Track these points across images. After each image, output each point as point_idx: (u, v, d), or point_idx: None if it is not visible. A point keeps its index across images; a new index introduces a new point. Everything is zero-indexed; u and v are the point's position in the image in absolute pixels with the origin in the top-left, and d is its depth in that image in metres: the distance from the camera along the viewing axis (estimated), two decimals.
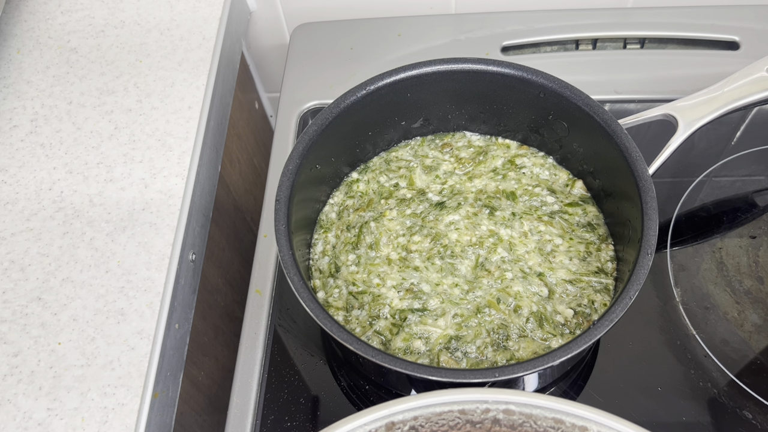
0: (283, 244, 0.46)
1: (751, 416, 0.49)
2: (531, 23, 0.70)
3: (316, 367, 0.53)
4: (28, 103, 0.61)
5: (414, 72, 0.52)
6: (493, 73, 0.52)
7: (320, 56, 0.70)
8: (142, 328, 0.50)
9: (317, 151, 0.51)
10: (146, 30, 0.66)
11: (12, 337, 0.50)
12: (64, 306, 0.51)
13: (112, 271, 0.52)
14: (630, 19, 0.69)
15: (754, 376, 0.50)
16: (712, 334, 0.52)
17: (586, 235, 0.53)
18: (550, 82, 0.51)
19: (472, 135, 0.59)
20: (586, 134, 0.52)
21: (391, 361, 0.41)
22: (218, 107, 0.64)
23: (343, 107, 0.52)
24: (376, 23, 0.72)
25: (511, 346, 0.48)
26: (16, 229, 0.55)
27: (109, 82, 0.62)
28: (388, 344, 0.49)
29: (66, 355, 0.49)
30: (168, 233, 0.54)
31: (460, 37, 0.70)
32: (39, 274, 0.52)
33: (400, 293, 0.51)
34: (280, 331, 0.55)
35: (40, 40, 0.65)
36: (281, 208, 0.47)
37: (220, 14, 0.66)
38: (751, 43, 0.67)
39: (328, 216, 0.56)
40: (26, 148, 0.59)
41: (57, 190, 0.56)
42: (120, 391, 0.48)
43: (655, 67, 0.67)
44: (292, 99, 0.67)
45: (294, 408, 0.51)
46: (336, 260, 0.53)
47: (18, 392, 0.48)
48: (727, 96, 0.52)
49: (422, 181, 0.57)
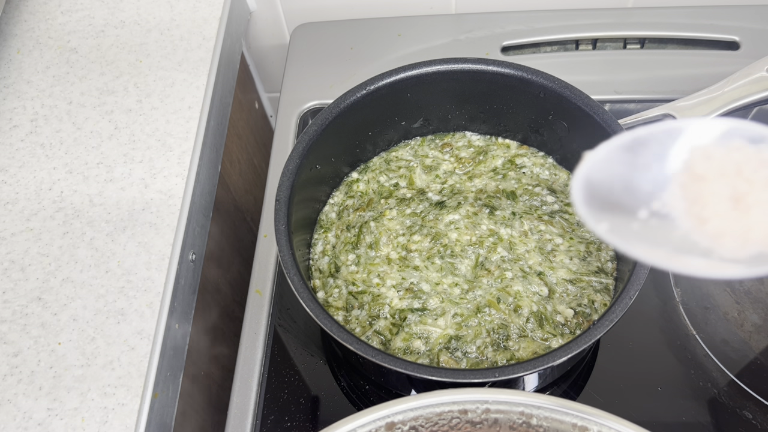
0: (283, 244, 0.46)
1: (751, 416, 0.49)
2: (531, 23, 0.70)
3: (316, 367, 0.53)
4: (28, 103, 0.61)
5: (414, 72, 0.52)
6: (493, 73, 0.52)
7: (320, 56, 0.70)
8: (142, 328, 0.50)
9: (317, 151, 0.51)
10: (146, 30, 0.66)
11: (12, 337, 0.50)
12: (64, 306, 0.51)
13: (112, 271, 0.52)
14: (630, 19, 0.69)
15: (754, 376, 0.50)
16: (712, 334, 0.52)
17: (587, 234, 0.53)
18: (550, 82, 0.51)
19: (472, 135, 0.59)
20: (586, 134, 0.52)
21: (391, 361, 0.41)
22: (218, 107, 0.64)
23: (343, 107, 0.52)
24: (376, 23, 0.72)
25: (511, 346, 0.48)
26: (16, 229, 0.54)
27: (109, 82, 0.62)
28: (388, 344, 0.49)
29: (66, 355, 0.49)
30: (168, 233, 0.54)
31: (460, 37, 0.70)
32: (39, 274, 0.52)
33: (399, 293, 0.51)
34: (280, 331, 0.55)
35: (40, 40, 0.65)
36: (281, 208, 0.47)
37: (220, 14, 0.66)
38: (751, 43, 0.67)
39: (328, 216, 0.56)
40: (26, 148, 0.59)
41: (57, 190, 0.56)
42: (120, 391, 0.48)
43: (655, 67, 0.67)
44: (292, 99, 0.67)
45: (294, 408, 0.51)
46: (336, 260, 0.53)
47: (18, 392, 0.48)
48: (728, 96, 0.52)
49: (422, 180, 0.57)
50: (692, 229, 0.31)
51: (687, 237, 0.31)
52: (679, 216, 0.31)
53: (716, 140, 0.32)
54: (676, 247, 0.31)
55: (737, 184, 0.31)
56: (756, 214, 0.30)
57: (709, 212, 0.31)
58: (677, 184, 0.32)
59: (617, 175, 0.32)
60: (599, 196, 0.32)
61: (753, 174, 0.31)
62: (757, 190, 0.30)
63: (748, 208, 0.30)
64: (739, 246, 0.30)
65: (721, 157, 0.31)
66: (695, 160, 0.32)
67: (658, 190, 0.32)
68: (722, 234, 0.30)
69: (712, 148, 0.32)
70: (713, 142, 0.32)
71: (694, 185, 0.31)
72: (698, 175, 0.31)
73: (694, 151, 0.32)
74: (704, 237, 0.31)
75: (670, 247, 0.31)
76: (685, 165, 0.32)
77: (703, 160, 0.31)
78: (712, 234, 0.31)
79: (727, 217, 0.30)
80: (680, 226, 0.31)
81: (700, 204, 0.31)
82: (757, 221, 0.30)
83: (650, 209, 0.32)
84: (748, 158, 0.31)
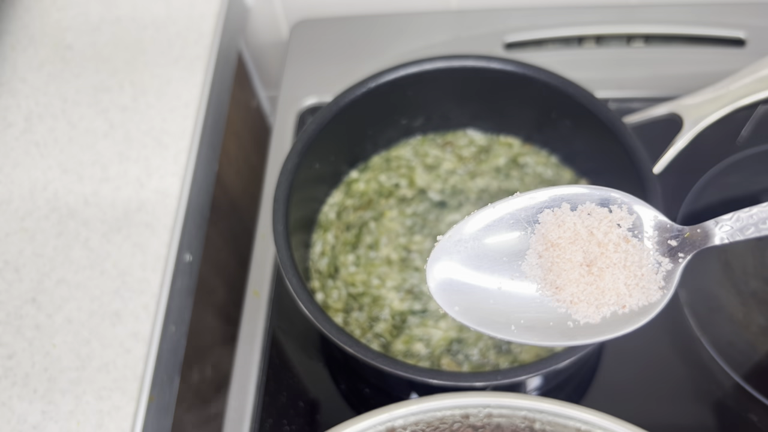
0: (281, 245, 0.45)
1: (757, 419, 0.48)
2: (534, 20, 0.69)
3: (315, 370, 0.52)
4: (22, 101, 0.60)
5: (415, 69, 0.52)
6: (495, 70, 0.52)
7: (319, 53, 0.69)
8: (137, 330, 0.49)
9: (316, 150, 0.51)
10: (142, 26, 0.65)
11: (6, 339, 0.49)
12: (59, 307, 0.50)
13: (107, 272, 0.52)
14: (634, 16, 0.68)
15: (760, 378, 0.49)
16: (718, 336, 0.51)
17: None
18: (553, 79, 0.50)
19: (474, 133, 0.59)
20: (590, 132, 0.51)
21: (392, 365, 0.41)
22: (215, 105, 0.63)
23: (343, 105, 0.51)
24: (377, 20, 0.71)
25: (513, 349, 0.47)
26: (11, 229, 0.54)
27: (105, 80, 0.61)
28: (388, 347, 0.48)
29: (61, 357, 0.48)
30: (164, 233, 0.53)
31: (462, 34, 0.69)
32: (33, 275, 0.52)
33: (400, 294, 0.50)
34: (279, 333, 0.54)
35: (34, 37, 0.65)
36: (279, 208, 0.46)
37: (217, 10, 0.66)
38: (757, 40, 0.66)
39: (327, 216, 0.56)
40: (20, 147, 0.58)
41: (52, 190, 0.56)
42: (116, 394, 0.47)
43: (660, 65, 0.66)
44: (290, 97, 0.67)
45: (292, 412, 0.50)
46: (335, 261, 0.53)
47: (12, 395, 0.47)
48: (734, 94, 0.51)
49: (423, 180, 0.56)
50: (549, 296, 0.32)
51: (543, 304, 0.32)
52: (537, 283, 0.32)
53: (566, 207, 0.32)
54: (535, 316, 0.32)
55: (589, 249, 0.32)
56: (607, 277, 0.31)
57: (563, 280, 0.32)
58: (534, 253, 0.33)
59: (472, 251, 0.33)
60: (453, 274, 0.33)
61: (604, 237, 0.32)
62: (609, 252, 0.31)
63: (601, 272, 0.31)
64: (593, 311, 0.31)
65: (573, 222, 0.32)
66: (548, 229, 0.32)
67: (515, 261, 0.33)
68: (577, 300, 0.31)
69: (563, 215, 0.32)
70: (564, 210, 0.32)
71: (547, 252, 0.32)
72: (552, 243, 0.32)
73: (546, 220, 0.33)
74: (561, 303, 0.32)
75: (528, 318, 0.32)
76: (538, 234, 0.33)
77: (555, 228, 0.32)
78: (567, 301, 0.32)
79: (579, 282, 0.31)
80: (537, 294, 0.32)
81: (554, 272, 0.32)
82: (609, 284, 0.31)
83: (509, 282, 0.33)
84: (599, 221, 0.32)
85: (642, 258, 0.32)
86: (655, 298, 0.32)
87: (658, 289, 0.32)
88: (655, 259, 0.32)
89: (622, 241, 0.32)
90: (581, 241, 0.32)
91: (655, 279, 0.32)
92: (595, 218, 0.32)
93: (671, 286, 0.32)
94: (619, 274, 0.31)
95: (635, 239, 0.32)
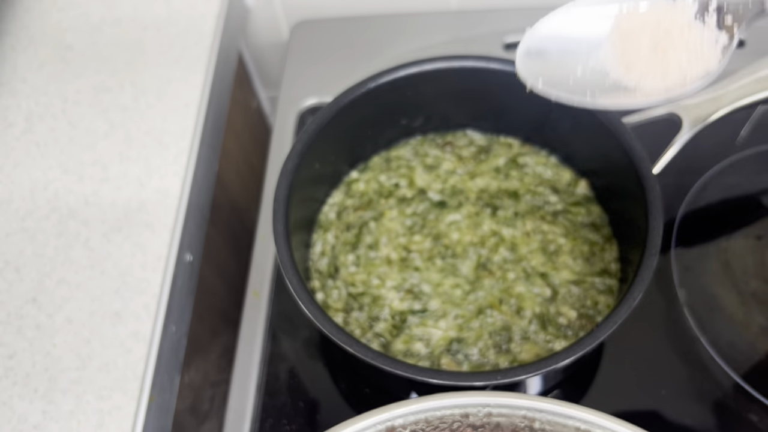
0: (282, 245, 0.45)
1: (758, 419, 0.48)
2: (534, 20, 0.69)
3: (315, 370, 0.52)
4: (23, 102, 0.61)
5: (415, 69, 0.52)
6: (495, 70, 0.52)
7: (320, 54, 0.69)
8: (138, 330, 0.49)
9: (316, 150, 0.51)
10: (142, 27, 0.65)
11: (7, 339, 0.49)
12: (60, 307, 0.50)
13: (107, 272, 0.52)
14: None
15: (760, 378, 0.49)
16: (718, 336, 0.51)
17: (590, 235, 0.52)
18: None
19: (473, 133, 0.59)
20: (590, 133, 0.51)
21: (392, 364, 0.41)
22: (215, 105, 0.63)
23: (343, 105, 0.51)
24: (377, 20, 0.71)
25: (513, 349, 0.48)
26: (11, 229, 0.54)
27: (105, 80, 0.62)
28: (388, 346, 0.48)
29: (61, 357, 0.48)
30: (164, 233, 0.53)
31: (461, 35, 0.69)
32: (34, 275, 0.52)
33: (400, 294, 0.50)
34: (279, 333, 0.54)
35: (35, 37, 0.65)
36: (279, 208, 0.46)
37: (217, 11, 0.66)
38: (756, 41, 0.66)
39: (328, 216, 0.56)
40: (21, 147, 0.58)
41: (52, 190, 0.56)
42: (116, 394, 0.47)
43: None
44: (290, 97, 0.67)
45: (293, 412, 0.50)
46: (335, 261, 0.53)
47: (13, 395, 0.47)
48: (733, 94, 0.51)
49: (423, 180, 0.56)
50: (622, 75, 0.39)
51: (617, 82, 0.39)
52: (611, 67, 0.39)
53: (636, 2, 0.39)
54: (608, 90, 0.39)
55: (657, 34, 0.38)
56: (671, 56, 0.38)
57: (634, 59, 0.38)
58: (609, 42, 0.39)
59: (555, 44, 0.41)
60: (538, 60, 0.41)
61: (671, 23, 0.38)
62: (674, 37, 0.38)
63: (665, 52, 0.38)
64: (658, 81, 0.38)
65: (645, 13, 0.39)
66: (622, 20, 0.39)
67: (593, 50, 0.40)
68: (645, 74, 0.38)
69: (638, 6, 0.39)
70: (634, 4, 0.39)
71: (621, 41, 0.39)
72: (625, 32, 0.39)
73: (622, 12, 0.39)
74: (631, 79, 0.39)
75: (603, 92, 0.39)
76: (614, 26, 0.39)
77: (629, 19, 0.39)
78: (637, 75, 0.38)
79: (648, 60, 0.38)
80: (612, 75, 0.39)
81: (627, 54, 0.39)
82: (672, 60, 0.38)
83: (586, 66, 0.40)
84: (667, 10, 0.38)
85: (703, 38, 0.37)
86: (713, 68, 0.38)
87: (716, 62, 0.38)
88: (715, 37, 0.38)
89: (686, 26, 0.38)
90: (650, 29, 0.38)
91: (714, 53, 0.38)
92: (665, 8, 0.38)
93: (727, 56, 0.38)
94: (682, 52, 0.37)
95: (697, 22, 0.38)
